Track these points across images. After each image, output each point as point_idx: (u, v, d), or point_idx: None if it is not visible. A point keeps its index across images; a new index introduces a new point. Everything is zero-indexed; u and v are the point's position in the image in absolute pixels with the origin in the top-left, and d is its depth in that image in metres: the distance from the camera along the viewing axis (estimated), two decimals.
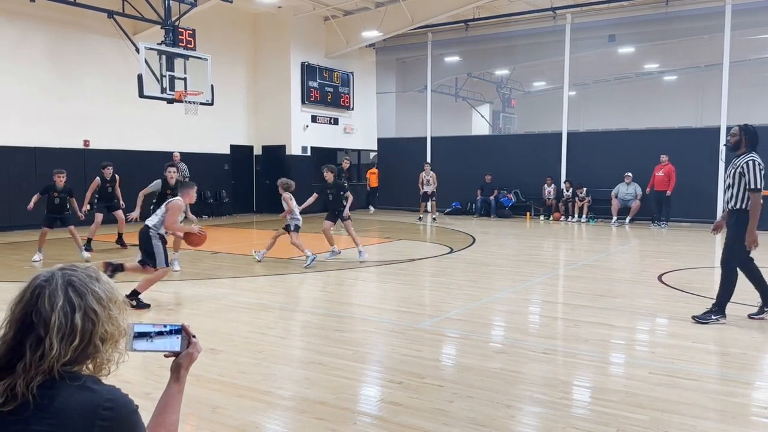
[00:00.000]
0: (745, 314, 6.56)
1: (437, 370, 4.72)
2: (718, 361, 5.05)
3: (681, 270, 9.33)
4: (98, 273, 1.56)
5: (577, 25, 18.86)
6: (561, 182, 18.67)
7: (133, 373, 4.38)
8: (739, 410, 3.90)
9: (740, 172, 5.90)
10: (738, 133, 6.11)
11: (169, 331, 1.68)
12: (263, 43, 20.33)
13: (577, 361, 5.00)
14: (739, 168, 5.92)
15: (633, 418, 3.74)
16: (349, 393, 4.23)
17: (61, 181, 10.43)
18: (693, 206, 16.85)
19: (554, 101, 21.75)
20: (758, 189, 5.83)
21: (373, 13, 19.74)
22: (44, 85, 14.97)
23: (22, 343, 1.43)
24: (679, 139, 17.44)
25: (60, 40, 15.28)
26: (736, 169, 5.95)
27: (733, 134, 6.15)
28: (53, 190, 10.45)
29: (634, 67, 25.79)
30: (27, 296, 1.47)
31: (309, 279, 8.83)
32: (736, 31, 17.02)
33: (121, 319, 1.54)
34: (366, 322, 6.32)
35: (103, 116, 16.09)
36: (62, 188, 10.48)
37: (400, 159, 22.27)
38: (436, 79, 23.05)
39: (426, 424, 3.66)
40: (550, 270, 9.74)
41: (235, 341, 5.47)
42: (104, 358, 1.51)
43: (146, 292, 6.90)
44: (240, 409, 3.92)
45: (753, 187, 5.82)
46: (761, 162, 5.90)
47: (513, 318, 6.60)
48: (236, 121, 19.93)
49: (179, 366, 1.72)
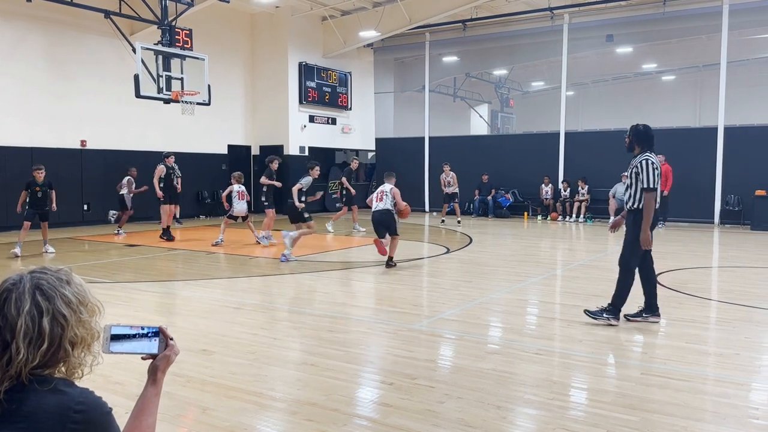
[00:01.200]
0: (737, 316, 6.55)
1: (429, 371, 4.71)
2: (711, 362, 5.03)
3: (677, 270, 9.32)
4: (70, 276, 1.54)
5: (574, 25, 18.86)
6: (559, 182, 18.67)
7: (124, 375, 4.37)
8: (731, 411, 3.88)
9: (635, 171, 5.92)
10: (627, 135, 6.17)
11: (145, 333, 1.66)
12: (260, 43, 20.31)
13: (570, 362, 4.98)
14: (634, 168, 5.95)
15: (624, 419, 3.73)
16: (341, 394, 4.21)
17: (41, 176, 10.84)
18: (690, 206, 16.86)
19: (552, 101, 21.74)
20: (651, 188, 5.84)
21: (371, 13, 19.72)
22: (41, 85, 14.96)
23: None
24: (677, 139, 17.42)
25: (57, 41, 15.26)
26: (632, 169, 5.98)
27: (627, 136, 6.19)
28: (35, 185, 10.84)
29: (632, 67, 25.80)
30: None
31: (304, 280, 8.81)
32: (733, 31, 17.02)
33: (93, 322, 1.52)
34: (360, 322, 6.30)
35: (100, 116, 16.07)
36: (42, 182, 10.88)
37: (399, 159, 22.23)
38: (434, 79, 23.05)
39: (416, 425, 3.65)
40: (546, 270, 9.72)
41: (227, 342, 5.45)
42: (76, 362, 1.49)
43: (141, 294, 6.86)
44: (230, 410, 3.90)
45: (646, 186, 5.83)
46: (655, 161, 5.90)
47: (508, 318, 6.58)
48: (234, 121, 19.92)
49: (156, 368, 1.70)
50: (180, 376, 4.43)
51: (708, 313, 6.77)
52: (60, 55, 15.33)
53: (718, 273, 9.63)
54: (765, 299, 7.39)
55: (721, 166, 16.71)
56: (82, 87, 15.72)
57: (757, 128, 17.24)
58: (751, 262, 10.36)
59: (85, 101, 15.77)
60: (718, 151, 16.72)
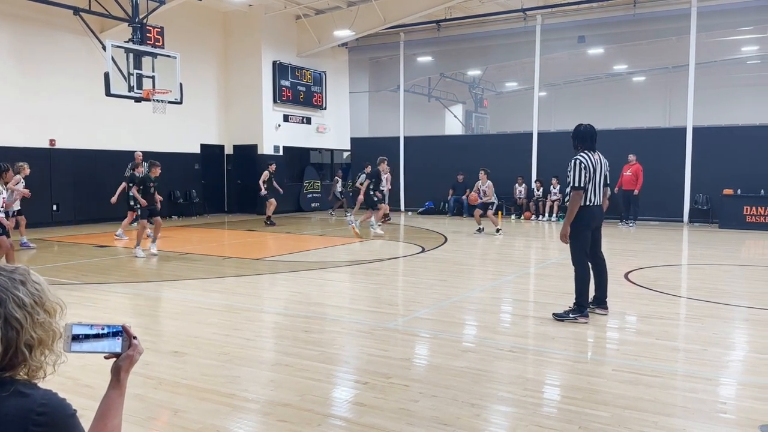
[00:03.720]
0: (705, 313, 6.67)
1: (404, 370, 4.70)
2: (681, 357, 5.11)
3: (647, 268, 9.46)
4: (26, 275, 1.48)
5: (547, 26, 19.05)
6: (532, 182, 18.84)
7: (94, 378, 4.29)
8: (699, 406, 3.95)
9: (568, 170, 6.15)
10: (571, 134, 6.39)
11: (108, 332, 1.62)
12: (234, 41, 20.13)
13: (543, 359, 5.03)
14: (568, 166, 6.17)
15: (596, 415, 3.77)
16: (315, 394, 4.19)
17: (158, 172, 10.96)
18: (660, 205, 17.16)
19: (525, 101, 21.96)
20: (577, 187, 6.05)
21: (345, 12, 19.68)
22: (9, 82, 14.60)
23: None
24: (647, 139, 17.72)
25: (25, 38, 14.92)
26: (567, 167, 6.19)
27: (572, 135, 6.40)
28: (150, 180, 10.87)
29: (603, 68, 26.17)
30: None
31: (279, 280, 8.76)
32: (702, 33, 17.36)
33: (52, 322, 1.47)
34: (335, 322, 6.28)
35: (69, 115, 15.75)
36: (156, 178, 10.95)
37: (374, 158, 22.14)
38: (409, 79, 23.09)
39: (390, 424, 3.64)
40: (520, 269, 9.80)
41: (200, 343, 5.38)
42: (35, 364, 1.44)
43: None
44: (202, 412, 3.85)
45: (573, 184, 6.08)
46: (584, 160, 6.08)
47: (482, 317, 6.62)
48: (207, 120, 19.70)
49: (119, 368, 1.66)
50: (151, 378, 4.36)
51: (677, 310, 6.88)
52: (28, 52, 14.99)
53: (687, 270, 9.81)
54: (732, 296, 7.55)
55: (690, 166, 17.02)
56: (51, 85, 15.39)
57: (724, 128, 17.60)
58: (719, 259, 10.57)
59: (54, 100, 15.44)
60: (687, 151, 17.03)
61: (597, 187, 6.16)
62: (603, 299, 6.42)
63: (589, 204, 6.13)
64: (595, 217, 6.22)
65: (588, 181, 6.06)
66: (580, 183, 6.03)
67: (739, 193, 15.82)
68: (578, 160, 6.09)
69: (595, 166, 6.12)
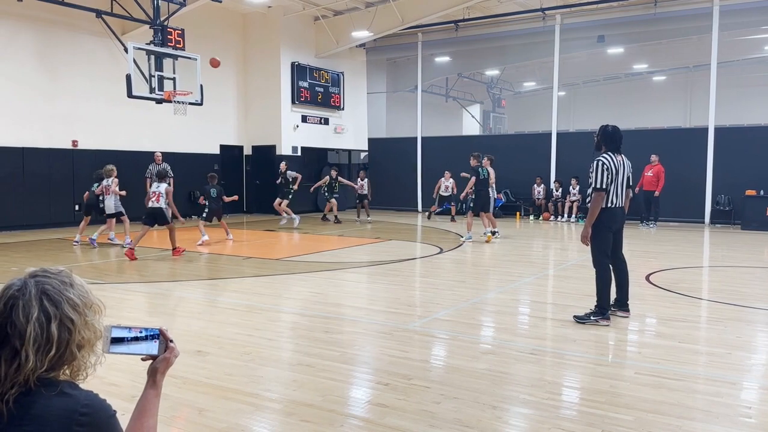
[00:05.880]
0: (728, 315, 6.61)
1: (424, 372, 4.72)
2: (704, 361, 5.07)
3: (669, 270, 9.38)
4: (72, 278, 1.54)
5: (566, 26, 18.94)
6: (551, 182, 18.74)
7: (119, 377, 4.36)
8: (723, 410, 3.92)
9: (591, 171, 6.09)
10: (596, 135, 6.33)
11: (145, 336, 1.67)
12: (253, 43, 20.27)
13: (564, 362, 5.02)
14: (590, 167, 6.10)
15: (618, 418, 3.76)
16: (336, 395, 4.22)
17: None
18: (681, 206, 16.98)
19: (544, 101, 21.83)
20: (599, 188, 6.00)
21: (364, 13, 19.72)
22: (32, 84, 14.85)
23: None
24: (667, 139, 17.54)
25: (48, 40, 15.16)
26: (590, 168, 6.13)
27: (596, 135, 6.34)
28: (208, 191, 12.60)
29: (623, 68, 25.92)
30: (0, 308, 1.45)
31: (298, 280, 8.81)
32: (723, 32, 17.15)
33: (97, 322, 1.53)
34: (354, 323, 6.31)
35: (91, 116, 15.98)
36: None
37: (391, 159, 22.30)
38: (426, 80, 23.08)
39: (412, 425, 3.66)
40: (539, 270, 9.77)
41: (223, 343, 5.44)
42: (81, 364, 1.50)
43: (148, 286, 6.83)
44: (226, 411, 3.90)
45: (595, 186, 6.03)
46: (608, 162, 6.03)
47: (501, 318, 6.61)
48: (226, 121, 19.86)
49: (155, 370, 1.71)
50: (175, 378, 4.42)
51: (699, 313, 6.82)
52: (51, 54, 15.23)
53: (709, 272, 9.71)
54: (756, 298, 7.46)
55: (712, 166, 16.82)
56: (74, 87, 15.63)
57: (747, 128, 17.38)
58: (741, 261, 10.45)
59: (77, 101, 15.68)
60: (708, 152, 16.84)
61: (619, 189, 6.12)
62: (624, 302, 6.38)
63: (611, 206, 6.10)
64: (616, 219, 6.19)
65: (610, 183, 6.03)
66: (602, 184, 6.01)
67: (762, 194, 15.60)
68: (601, 161, 6.06)
69: (617, 167, 6.08)
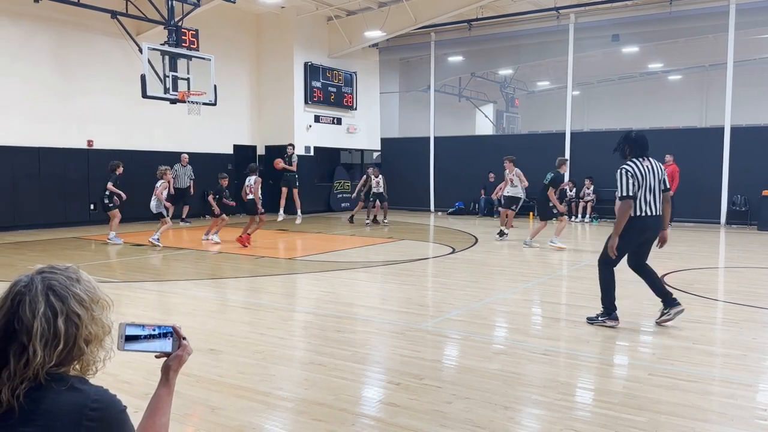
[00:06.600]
0: (744, 317, 6.54)
1: (436, 371, 4.72)
2: (718, 362, 5.02)
3: (683, 271, 9.30)
4: (78, 273, 1.55)
5: (580, 25, 18.83)
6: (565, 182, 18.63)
7: (133, 374, 4.39)
8: (738, 412, 3.88)
9: (616, 178, 5.87)
10: (620, 142, 6.08)
11: (158, 333, 1.68)
12: (266, 43, 20.34)
13: (577, 363, 4.99)
14: (616, 175, 5.89)
15: (632, 420, 3.73)
16: (348, 394, 4.23)
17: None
18: (697, 206, 16.82)
19: (558, 101, 21.71)
20: (625, 197, 5.77)
21: (376, 13, 19.73)
22: (48, 85, 15.02)
23: (5, 352, 1.43)
24: (683, 139, 17.39)
25: (64, 41, 15.32)
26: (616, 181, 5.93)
27: (618, 142, 6.13)
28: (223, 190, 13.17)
29: (638, 67, 25.74)
30: (8, 304, 1.46)
31: (310, 279, 8.83)
32: (740, 30, 16.97)
33: (104, 317, 1.54)
34: (366, 322, 6.32)
35: (106, 116, 16.12)
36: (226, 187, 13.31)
37: (404, 159, 22.29)
38: (439, 79, 23.04)
39: (423, 425, 3.66)
40: (552, 270, 9.72)
41: (235, 341, 5.47)
42: (90, 359, 1.51)
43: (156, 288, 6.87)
44: (239, 409, 3.92)
45: (621, 194, 5.81)
46: (632, 169, 5.80)
47: (514, 319, 6.59)
48: (239, 121, 19.95)
49: (168, 368, 1.72)
50: (188, 376, 4.45)
51: (714, 314, 6.76)
52: (67, 55, 15.39)
53: (724, 273, 9.61)
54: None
55: (728, 166, 16.65)
56: (89, 87, 15.78)
57: (763, 128, 17.18)
58: (757, 262, 10.33)
59: (92, 101, 15.82)
60: (724, 151, 16.67)
61: (648, 195, 5.81)
62: (670, 299, 6.01)
63: (641, 214, 5.81)
64: (647, 228, 5.89)
65: (637, 190, 5.77)
66: (628, 192, 5.75)
67: None
68: (624, 169, 5.83)
69: (644, 173, 5.79)
